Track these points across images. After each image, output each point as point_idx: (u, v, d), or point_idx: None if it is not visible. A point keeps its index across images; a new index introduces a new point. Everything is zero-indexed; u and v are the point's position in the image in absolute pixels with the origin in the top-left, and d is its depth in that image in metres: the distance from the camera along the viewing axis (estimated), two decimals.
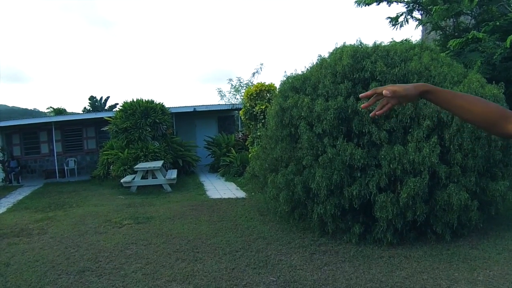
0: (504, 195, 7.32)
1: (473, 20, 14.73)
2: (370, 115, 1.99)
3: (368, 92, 1.92)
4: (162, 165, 16.38)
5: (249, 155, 15.48)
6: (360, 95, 1.98)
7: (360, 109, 7.28)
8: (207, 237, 8.36)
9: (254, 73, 24.88)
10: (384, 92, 1.85)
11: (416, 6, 15.51)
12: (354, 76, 7.93)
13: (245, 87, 22.87)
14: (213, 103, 24.53)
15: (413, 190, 6.72)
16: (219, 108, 23.89)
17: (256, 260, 6.96)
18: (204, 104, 23.28)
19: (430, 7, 14.23)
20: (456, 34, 14.46)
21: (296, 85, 8.64)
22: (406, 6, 15.44)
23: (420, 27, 17.08)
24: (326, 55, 9.12)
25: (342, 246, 7.43)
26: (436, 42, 15.25)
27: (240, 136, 20.76)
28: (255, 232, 8.53)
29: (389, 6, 15.34)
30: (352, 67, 7.96)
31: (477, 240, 7.51)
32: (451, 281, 5.86)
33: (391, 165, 6.91)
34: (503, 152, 7.38)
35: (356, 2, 15.26)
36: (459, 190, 6.86)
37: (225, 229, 8.91)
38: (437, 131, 7.21)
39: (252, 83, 23.07)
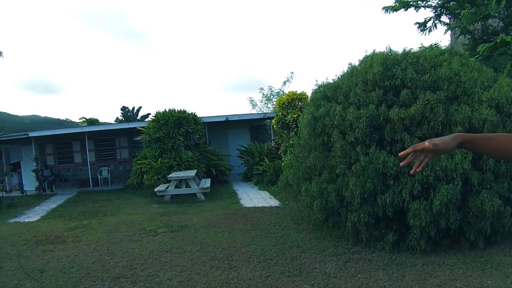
0: None
1: (501, 22, 14.61)
2: (411, 172, 2.09)
3: (408, 150, 2.00)
4: (196, 174, 16.49)
5: (282, 164, 15.52)
6: (399, 154, 2.05)
7: (392, 117, 7.32)
8: (241, 245, 8.41)
9: (285, 82, 24.83)
10: (426, 145, 1.92)
11: (443, 11, 15.43)
12: (385, 84, 7.94)
13: (276, 96, 22.83)
14: (245, 112, 24.55)
15: (446, 197, 6.70)
16: (251, 117, 23.90)
17: (290, 268, 6.99)
18: (236, 113, 23.39)
19: (458, 11, 14.15)
20: (485, 37, 14.35)
21: (327, 93, 8.68)
22: (434, 11, 15.36)
23: (449, 32, 16.98)
24: (357, 63, 9.15)
25: (376, 254, 7.42)
26: (465, 47, 15.14)
27: (272, 145, 20.77)
28: (289, 240, 8.55)
29: (416, 11, 15.26)
30: (382, 74, 7.97)
31: (510, 247, 7.44)
32: None
33: (423, 173, 6.89)
34: None
35: (383, 8, 15.24)
36: (492, 196, 6.82)
37: (259, 237, 8.96)
38: None
39: (283, 91, 23.03)
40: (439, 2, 15.01)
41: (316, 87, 9.28)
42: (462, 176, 6.93)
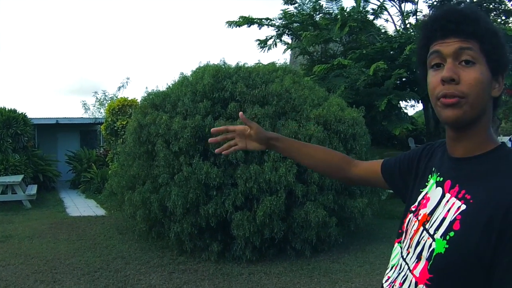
0: (363, 212, 7.72)
1: (341, 47, 15.40)
2: (216, 151, 2.03)
3: (221, 128, 1.99)
4: (22, 179, 15.60)
5: (109, 172, 15.25)
6: (212, 130, 2.06)
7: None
8: (65, 257, 8.08)
9: (120, 87, 24.60)
10: (240, 114, 1.92)
11: (286, 31, 16.02)
12: (214, 96, 8.06)
13: (109, 101, 22.44)
14: (77, 116, 23.94)
15: (269, 208, 6.89)
16: (82, 122, 23.33)
17: (115, 280, 6.83)
18: (67, 116, 22.67)
19: (300, 32, 14.74)
20: (324, 59, 15.08)
21: (156, 102, 8.62)
22: (277, 30, 15.91)
23: (289, 51, 17.63)
24: (189, 73, 9.24)
25: (201, 264, 7.44)
26: (303, 66, 15.82)
27: (101, 151, 20.27)
28: (114, 251, 8.35)
29: (259, 29, 15.79)
30: (212, 86, 8.08)
31: (338, 254, 7.82)
32: None
33: (247, 184, 7.05)
34: None
35: (227, 22, 15.57)
36: (316, 207, 7.13)
37: (84, 248, 8.65)
38: None
39: (117, 97, 22.69)
40: (283, 23, 15.58)
41: (146, 95, 9.18)
42: (286, 188, 7.17)
